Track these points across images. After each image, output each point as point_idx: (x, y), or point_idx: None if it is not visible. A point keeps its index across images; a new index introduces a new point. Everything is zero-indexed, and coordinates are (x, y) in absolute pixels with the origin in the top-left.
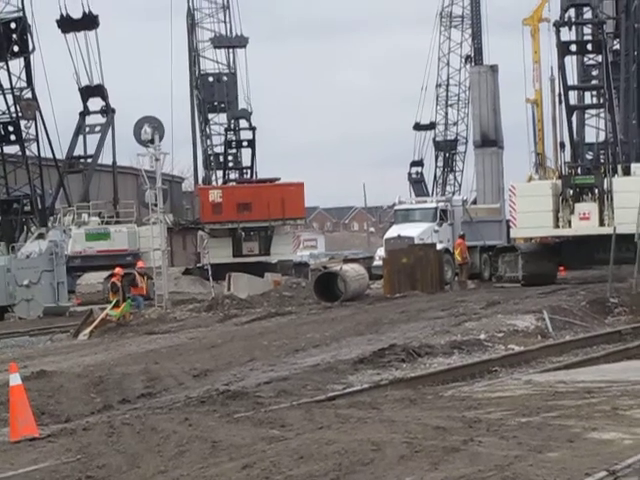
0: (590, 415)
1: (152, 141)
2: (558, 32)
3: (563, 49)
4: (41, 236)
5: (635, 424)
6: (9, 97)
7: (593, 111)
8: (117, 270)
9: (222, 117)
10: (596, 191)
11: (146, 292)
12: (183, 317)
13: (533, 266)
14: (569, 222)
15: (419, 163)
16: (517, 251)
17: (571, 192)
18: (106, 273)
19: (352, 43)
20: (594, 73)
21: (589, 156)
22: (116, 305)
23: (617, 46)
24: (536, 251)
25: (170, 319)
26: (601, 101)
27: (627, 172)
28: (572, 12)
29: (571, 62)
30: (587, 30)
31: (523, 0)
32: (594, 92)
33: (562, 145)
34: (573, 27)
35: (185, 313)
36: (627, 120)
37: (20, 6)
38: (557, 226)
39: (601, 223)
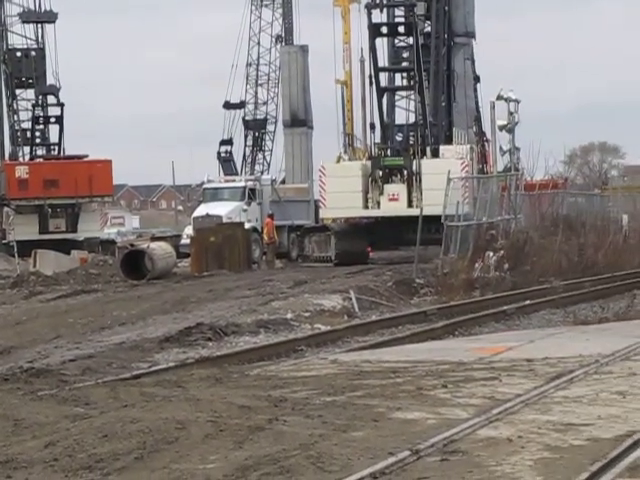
0: (395, 395)
1: None
2: (369, 14)
3: (374, 31)
4: None
5: (439, 404)
6: None
7: (403, 93)
8: None
9: (30, 93)
10: (405, 173)
11: None
12: None
13: (345, 246)
14: (378, 203)
15: (228, 142)
16: (328, 231)
17: (380, 173)
18: None
19: (162, 20)
20: (405, 55)
21: (399, 138)
22: None
23: (428, 28)
24: (348, 231)
25: None
26: (411, 83)
27: (436, 154)
28: None
29: (382, 44)
30: (399, 12)
31: None
32: (404, 74)
33: (372, 126)
34: (385, 9)
35: None
36: (437, 102)
37: None
38: (366, 207)
39: (409, 204)
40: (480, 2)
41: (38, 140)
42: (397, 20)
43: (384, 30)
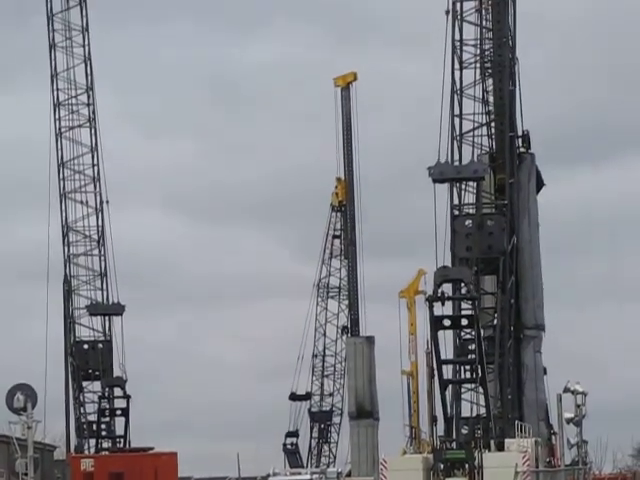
0: None
1: (24, 409)
2: (431, 307)
3: (436, 323)
4: None
5: None
6: None
7: (470, 385)
8: None
9: (96, 385)
10: (467, 466)
11: None
12: None
13: None
14: None
15: (294, 434)
16: None
17: (442, 466)
18: None
19: (226, 310)
20: (471, 347)
21: (465, 430)
22: None
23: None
24: None
25: None
26: (474, 376)
27: (501, 447)
28: (448, 286)
29: (447, 335)
30: (465, 305)
31: (400, 273)
32: (469, 366)
33: (434, 419)
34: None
35: None
36: (502, 395)
37: None
38: None
39: None
40: (548, 292)
41: (104, 432)
42: (463, 312)
43: (446, 323)
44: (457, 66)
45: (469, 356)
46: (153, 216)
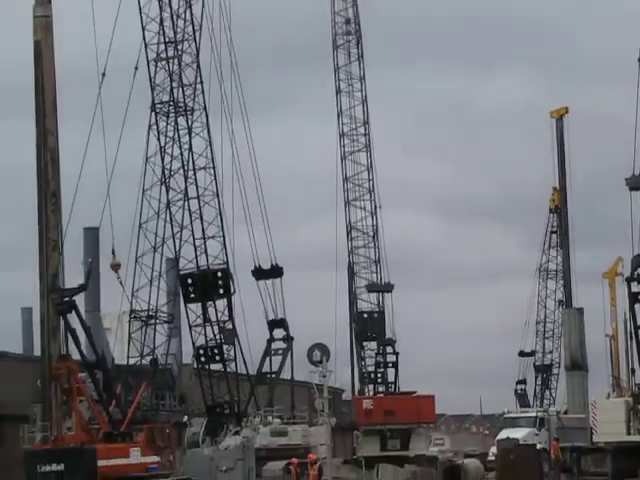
0: None
1: (321, 362)
2: (629, 285)
3: (632, 299)
4: (237, 433)
5: None
6: (215, 328)
7: None
8: (293, 460)
9: (373, 344)
10: None
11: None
12: None
13: (619, 463)
14: (638, 430)
15: (523, 382)
16: (602, 451)
17: None
18: (284, 462)
19: (468, 287)
20: None
21: None
22: None
23: None
24: (620, 451)
25: None
26: None
27: None
28: None
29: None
30: None
31: (603, 259)
32: None
33: (633, 371)
34: None
35: None
36: None
37: (225, 260)
38: (629, 433)
39: None
40: None
41: (379, 380)
42: None
43: None
44: None
45: None
46: (415, 217)
